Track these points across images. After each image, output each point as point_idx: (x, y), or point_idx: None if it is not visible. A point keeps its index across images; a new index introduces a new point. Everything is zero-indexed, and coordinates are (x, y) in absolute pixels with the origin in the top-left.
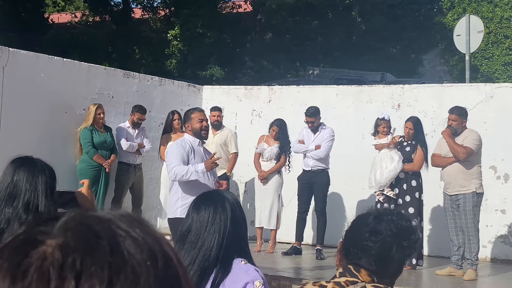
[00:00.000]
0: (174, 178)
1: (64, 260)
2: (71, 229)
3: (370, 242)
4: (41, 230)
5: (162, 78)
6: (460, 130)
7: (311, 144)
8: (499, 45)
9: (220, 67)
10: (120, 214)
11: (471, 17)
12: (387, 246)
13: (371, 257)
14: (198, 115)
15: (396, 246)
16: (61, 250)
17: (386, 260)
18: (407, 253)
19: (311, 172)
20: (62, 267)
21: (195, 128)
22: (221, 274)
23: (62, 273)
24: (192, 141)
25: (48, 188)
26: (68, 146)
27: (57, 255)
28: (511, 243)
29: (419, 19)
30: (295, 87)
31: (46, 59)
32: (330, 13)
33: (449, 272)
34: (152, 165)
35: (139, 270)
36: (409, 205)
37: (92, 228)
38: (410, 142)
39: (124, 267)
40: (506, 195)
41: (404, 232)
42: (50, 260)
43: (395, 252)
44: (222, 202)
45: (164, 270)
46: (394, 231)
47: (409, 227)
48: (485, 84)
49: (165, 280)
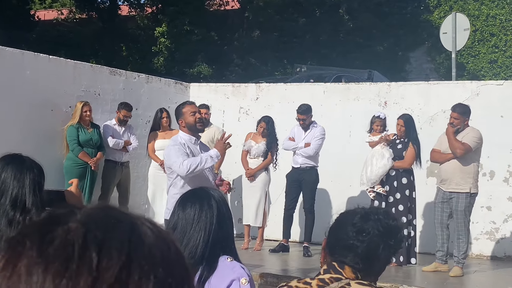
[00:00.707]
0: (188, 172)
1: (87, 234)
2: (93, 214)
3: (357, 241)
4: (65, 214)
5: (149, 76)
6: (462, 128)
7: (301, 141)
8: (485, 43)
9: (208, 65)
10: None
11: (458, 15)
12: (374, 245)
13: (357, 255)
14: (190, 108)
15: (383, 245)
16: (84, 226)
17: (373, 258)
18: (392, 251)
19: (300, 170)
20: (85, 239)
21: (189, 122)
22: (207, 272)
23: (85, 244)
24: (187, 140)
25: (36, 185)
26: (54, 144)
27: (81, 230)
28: (497, 239)
29: (406, 17)
30: (283, 85)
31: (32, 56)
32: (317, 11)
33: (435, 268)
34: (139, 162)
35: (155, 251)
36: (399, 203)
37: (113, 214)
38: (402, 139)
39: (142, 245)
40: (491, 192)
41: (390, 231)
42: (74, 233)
43: (382, 251)
44: (208, 200)
45: (176, 256)
46: (381, 230)
47: (396, 226)
48: (471, 82)
49: (177, 265)
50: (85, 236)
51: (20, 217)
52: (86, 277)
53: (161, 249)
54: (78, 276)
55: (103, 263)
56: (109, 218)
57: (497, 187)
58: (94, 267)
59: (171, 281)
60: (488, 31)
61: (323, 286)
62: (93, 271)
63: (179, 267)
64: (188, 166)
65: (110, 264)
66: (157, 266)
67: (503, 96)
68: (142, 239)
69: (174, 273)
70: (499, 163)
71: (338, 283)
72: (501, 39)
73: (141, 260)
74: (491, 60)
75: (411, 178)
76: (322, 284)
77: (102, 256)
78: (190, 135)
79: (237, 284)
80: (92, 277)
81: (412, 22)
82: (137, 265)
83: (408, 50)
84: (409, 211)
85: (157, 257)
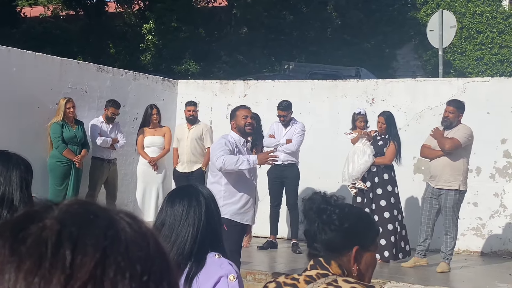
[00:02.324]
0: (222, 166)
1: (62, 230)
2: (71, 209)
3: (305, 227)
4: (41, 210)
5: (136, 73)
6: (455, 124)
7: (282, 138)
8: (471, 40)
9: (195, 62)
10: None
11: (444, 12)
12: (312, 226)
13: (313, 241)
14: (243, 112)
15: (317, 224)
16: (59, 223)
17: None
18: (333, 229)
19: (282, 166)
20: (59, 236)
21: (240, 125)
22: (195, 268)
23: (59, 241)
24: (237, 140)
25: (23, 182)
26: (40, 141)
27: (55, 226)
28: (483, 235)
29: (393, 14)
30: (270, 82)
31: (18, 53)
32: (305, 8)
33: (414, 263)
34: (127, 160)
35: (132, 247)
36: (380, 198)
37: (90, 209)
38: (383, 136)
39: (118, 241)
40: (478, 188)
41: (321, 209)
42: (48, 230)
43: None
44: (197, 196)
45: (156, 252)
46: (314, 209)
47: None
48: (457, 79)
49: (156, 261)
50: (59, 233)
51: (8, 215)
52: (60, 275)
53: (139, 245)
54: (51, 274)
55: (77, 260)
56: (87, 213)
57: (483, 183)
58: (68, 264)
59: (149, 277)
60: (474, 28)
61: (310, 282)
62: (66, 269)
63: (159, 264)
64: (223, 161)
65: (84, 260)
66: (134, 262)
67: (489, 93)
68: (119, 235)
69: (153, 269)
70: (486, 160)
71: (325, 279)
72: (487, 37)
73: (117, 256)
74: (478, 57)
75: (392, 174)
76: (309, 280)
77: (76, 253)
78: (239, 136)
79: (225, 281)
80: (66, 274)
81: (399, 20)
82: (113, 261)
83: (395, 47)
84: (394, 207)
85: (135, 253)
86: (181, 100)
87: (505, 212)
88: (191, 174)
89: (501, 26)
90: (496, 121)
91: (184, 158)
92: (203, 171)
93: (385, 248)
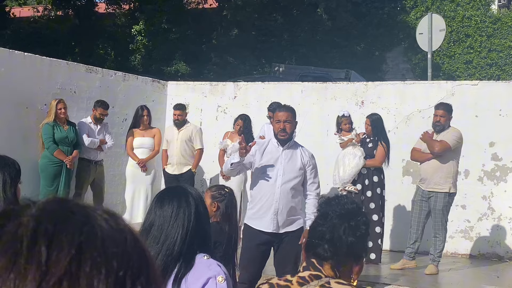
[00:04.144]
0: (224, 170)
1: (38, 227)
2: (48, 207)
3: (321, 226)
4: (19, 208)
5: (126, 74)
6: (447, 126)
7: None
8: (460, 43)
9: (186, 63)
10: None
11: (434, 15)
12: (336, 228)
13: (325, 242)
14: (275, 116)
15: (343, 228)
16: (35, 220)
17: (338, 243)
18: (358, 235)
19: None
20: (35, 233)
21: (274, 129)
22: (184, 269)
23: (34, 238)
24: (274, 143)
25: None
26: (28, 142)
27: (31, 223)
28: (471, 237)
29: (383, 18)
30: (260, 84)
31: (6, 54)
32: (295, 10)
33: (403, 265)
34: (115, 161)
35: (109, 243)
36: (370, 201)
37: (68, 206)
38: (372, 138)
39: (95, 238)
40: (466, 190)
41: (350, 213)
42: (24, 227)
43: (344, 234)
44: (186, 197)
45: (133, 248)
46: (342, 212)
47: (355, 209)
48: (446, 82)
49: (133, 257)
50: (35, 230)
51: None
52: (35, 271)
53: (116, 241)
54: (27, 270)
55: (53, 256)
56: (63, 210)
57: (471, 186)
58: (43, 261)
59: (125, 273)
60: (463, 32)
61: (303, 284)
62: (42, 265)
63: (136, 259)
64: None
65: (59, 256)
66: (110, 258)
67: (478, 96)
68: (95, 231)
69: (130, 264)
70: (474, 162)
71: (318, 281)
72: (476, 40)
73: (93, 252)
74: (466, 60)
75: (382, 176)
76: (302, 282)
77: (51, 249)
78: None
79: (214, 282)
80: (41, 270)
81: (389, 23)
82: (89, 257)
83: (385, 50)
84: (381, 209)
85: (111, 249)
86: (171, 102)
87: (493, 214)
88: (180, 176)
89: (489, 30)
90: (485, 124)
91: (174, 160)
92: (193, 173)
93: (372, 250)
